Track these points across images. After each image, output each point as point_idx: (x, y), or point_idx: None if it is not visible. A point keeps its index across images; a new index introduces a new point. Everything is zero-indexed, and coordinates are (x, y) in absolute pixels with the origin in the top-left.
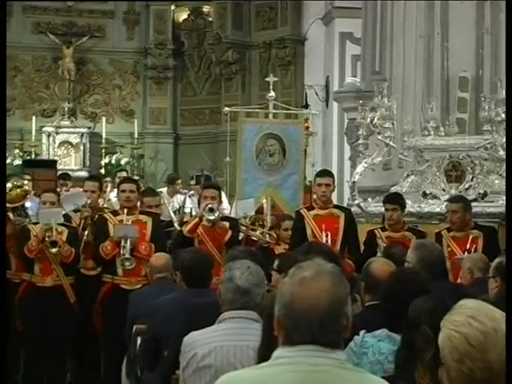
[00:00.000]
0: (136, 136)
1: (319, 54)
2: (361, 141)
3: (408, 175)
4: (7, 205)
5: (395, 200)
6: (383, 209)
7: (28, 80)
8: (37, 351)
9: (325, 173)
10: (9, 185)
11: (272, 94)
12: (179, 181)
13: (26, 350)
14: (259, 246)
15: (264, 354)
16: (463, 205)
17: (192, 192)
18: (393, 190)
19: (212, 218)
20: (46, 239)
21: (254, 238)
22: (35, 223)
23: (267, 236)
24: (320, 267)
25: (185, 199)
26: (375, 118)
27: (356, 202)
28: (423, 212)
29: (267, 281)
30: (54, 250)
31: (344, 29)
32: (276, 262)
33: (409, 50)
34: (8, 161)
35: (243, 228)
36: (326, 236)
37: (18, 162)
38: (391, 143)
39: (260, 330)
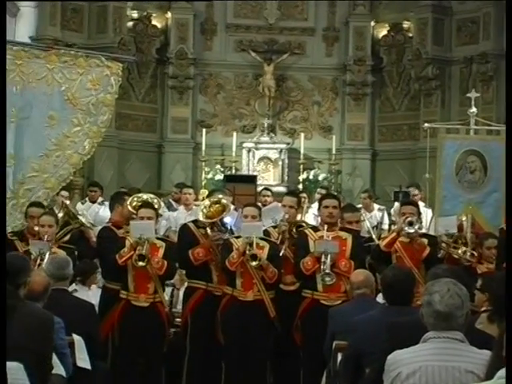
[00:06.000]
0: (334, 152)
1: None
2: None
3: None
4: (207, 220)
5: None
6: None
7: (230, 97)
8: (237, 364)
9: None
10: (207, 202)
11: (474, 109)
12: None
13: (227, 363)
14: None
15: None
16: None
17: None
18: None
19: (411, 231)
20: (247, 252)
21: (455, 256)
22: (237, 237)
23: (468, 254)
24: None
25: (383, 215)
26: None
27: None
28: None
29: (470, 301)
30: (253, 264)
31: None
32: (479, 282)
33: None
34: (209, 176)
35: (444, 245)
36: None
37: (219, 177)
38: None
39: (466, 351)
